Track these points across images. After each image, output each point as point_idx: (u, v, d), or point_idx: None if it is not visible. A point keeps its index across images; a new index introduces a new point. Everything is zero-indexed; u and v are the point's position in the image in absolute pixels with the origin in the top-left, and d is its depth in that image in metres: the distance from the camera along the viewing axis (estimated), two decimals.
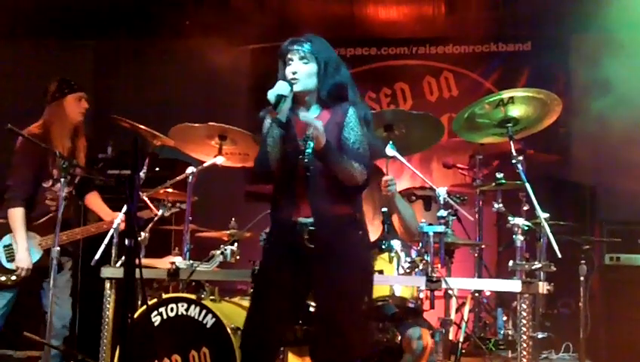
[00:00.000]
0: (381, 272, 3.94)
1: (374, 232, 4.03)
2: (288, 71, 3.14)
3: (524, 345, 3.55)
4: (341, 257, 3.10)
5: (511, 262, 3.68)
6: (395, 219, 4.29)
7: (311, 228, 3.08)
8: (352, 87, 3.22)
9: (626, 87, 6.19)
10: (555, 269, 3.77)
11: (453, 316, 4.52)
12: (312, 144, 2.98)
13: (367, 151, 3.12)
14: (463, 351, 4.49)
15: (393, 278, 3.92)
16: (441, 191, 4.03)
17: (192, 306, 3.84)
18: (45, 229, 4.36)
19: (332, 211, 3.11)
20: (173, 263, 4.02)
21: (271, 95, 3.09)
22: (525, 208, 4.39)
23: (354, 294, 3.13)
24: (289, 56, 3.16)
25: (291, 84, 3.11)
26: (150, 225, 4.29)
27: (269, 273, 3.19)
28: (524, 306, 3.57)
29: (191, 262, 4.08)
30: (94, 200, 4.70)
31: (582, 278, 4.46)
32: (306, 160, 2.96)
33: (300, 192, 3.10)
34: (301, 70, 3.13)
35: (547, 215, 3.77)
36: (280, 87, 3.09)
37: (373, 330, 4.12)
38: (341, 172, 3.06)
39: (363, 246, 3.23)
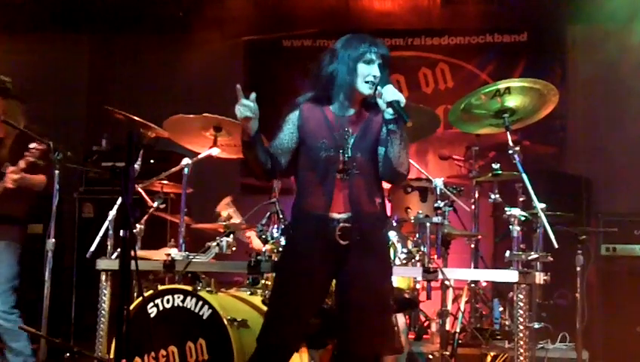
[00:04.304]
0: None
1: None
2: (367, 70, 3.09)
3: (521, 335, 3.55)
4: (376, 253, 3.13)
5: (508, 253, 3.68)
6: None
7: (344, 224, 3.07)
8: None
9: (623, 78, 6.19)
10: (551, 259, 3.77)
11: (449, 307, 4.53)
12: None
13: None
14: (460, 341, 4.50)
15: None
16: (438, 182, 4.03)
17: (188, 298, 3.83)
18: None
19: (369, 209, 3.12)
20: (169, 255, 4.01)
21: (393, 104, 3.01)
22: (521, 199, 4.39)
23: (387, 289, 3.19)
24: (371, 56, 3.11)
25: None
26: (146, 217, 4.29)
27: (297, 266, 3.14)
28: (521, 296, 3.57)
29: (187, 253, 4.07)
30: None
31: (578, 269, 4.46)
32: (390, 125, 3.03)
33: (337, 187, 3.09)
34: (379, 77, 3.10)
35: (544, 205, 3.77)
36: (399, 95, 3.03)
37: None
38: (398, 154, 3.05)
39: (388, 243, 3.31)
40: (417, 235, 3.95)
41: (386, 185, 4.80)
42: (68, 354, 3.87)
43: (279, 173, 3.24)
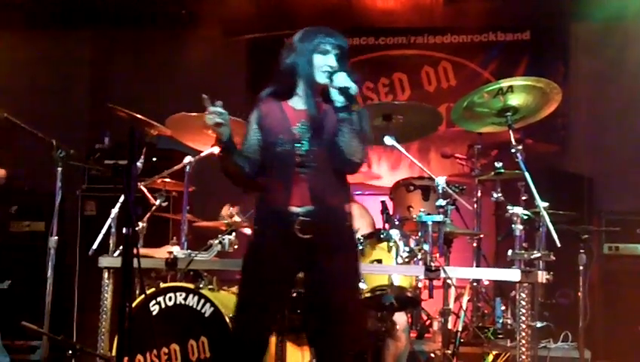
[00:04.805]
0: (380, 262, 3.94)
1: None
2: (323, 61, 3.11)
3: (523, 334, 3.55)
4: (340, 247, 3.12)
5: (510, 252, 3.68)
6: None
7: (303, 217, 3.06)
8: None
9: (626, 77, 6.18)
10: (554, 258, 3.77)
11: (451, 305, 4.53)
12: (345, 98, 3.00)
13: (363, 138, 3.11)
14: (462, 340, 4.49)
15: (392, 268, 3.92)
16: (440, 181, 4.02)
17: (191, 295, 3.84)
18: None
19: (330, 201, 3.11)
20: (171, 253, 4.01)
21: (343, 90, 3.02)
22: (524, 198, 4.39)
23: (355, 283, 3.19)
24: (326, 47, 3.13)
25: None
26: (148, 215, 4.29)
27: (261, 260, 3.14)
28: (524, 295, 3.56)
29: (189, 251, 4.07)
30: None
31: (581, 268, 4.46)
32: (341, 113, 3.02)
33: (296, 181, 3.09)
34: (336, 66, 3.11)
35: (546, 204, 3.76)
36: (351, 83, 3.04)
37: (371, 319, 4.17)
38: (350, 142, 3.03)
39: (354, 237, 3.25)
40: (419, 234, 3.94)
41: (388, 183, 4.84)
42: (70, 352, 3.87)
43: (257, 174, 3.23)
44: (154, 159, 5.22)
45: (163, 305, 3.87)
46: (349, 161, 3.07)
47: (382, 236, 3.99)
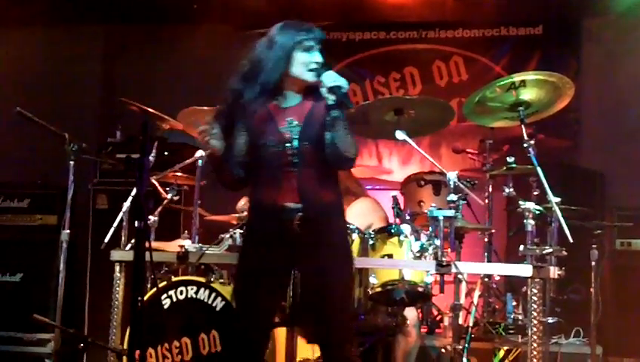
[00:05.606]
0: (391, 256, 3.94)
1: None
2: (308, 58, 3.09)
3: (535, 330, 3.54)
4: (333, 243, 3.13)
5: (522, 247, 3.67)
6: None
7: (300, 213, 3.06)
8: None
9: (638, 72, 6.14)
10: (566, 254, 3.75)
11: (462, 301, 4.52)
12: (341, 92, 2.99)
13: (353, 132, 3.10)
14: (473, 335, 4.48)
15: (403, 262, 3.91)
16: (452, 176, 4.01)
17: (202, 289, 3.85)
18: None
19: (321, 198, 3.11)
20: (182, 246, 4.02)
21: (335, 89, 3.00)
22: (536, 193, 4.37)
23: (348, 281, 3.20)
24: (310, 43, 3.10)
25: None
26: (159, 209, 4.30)
27: (257, 258, 3.14)
28: (535, 291, 3.55)
29: (200, 245, 4.08)
30: None
31: (593, 263, 4.44)
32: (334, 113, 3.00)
33: (286, 178, 3.08)
34: (322, 62, 3.11)
35: (558, 199, 3.74)
36: (341, 80, 3.02)
37: (381, 314, 4.18)
38: (345, 139, 3.02)
39: (347, 233, 3.26)
40: (430, 229, 3.94)
41: (399, 178, 4.83)
42: (81, 345, 3.90)
43: (250, 176, 3.22)
44: (165, 153, 5.24)
45: (174, 299, 3.89)
46: (345, 157, 3.06)
47: (393, 231, 3.98)
